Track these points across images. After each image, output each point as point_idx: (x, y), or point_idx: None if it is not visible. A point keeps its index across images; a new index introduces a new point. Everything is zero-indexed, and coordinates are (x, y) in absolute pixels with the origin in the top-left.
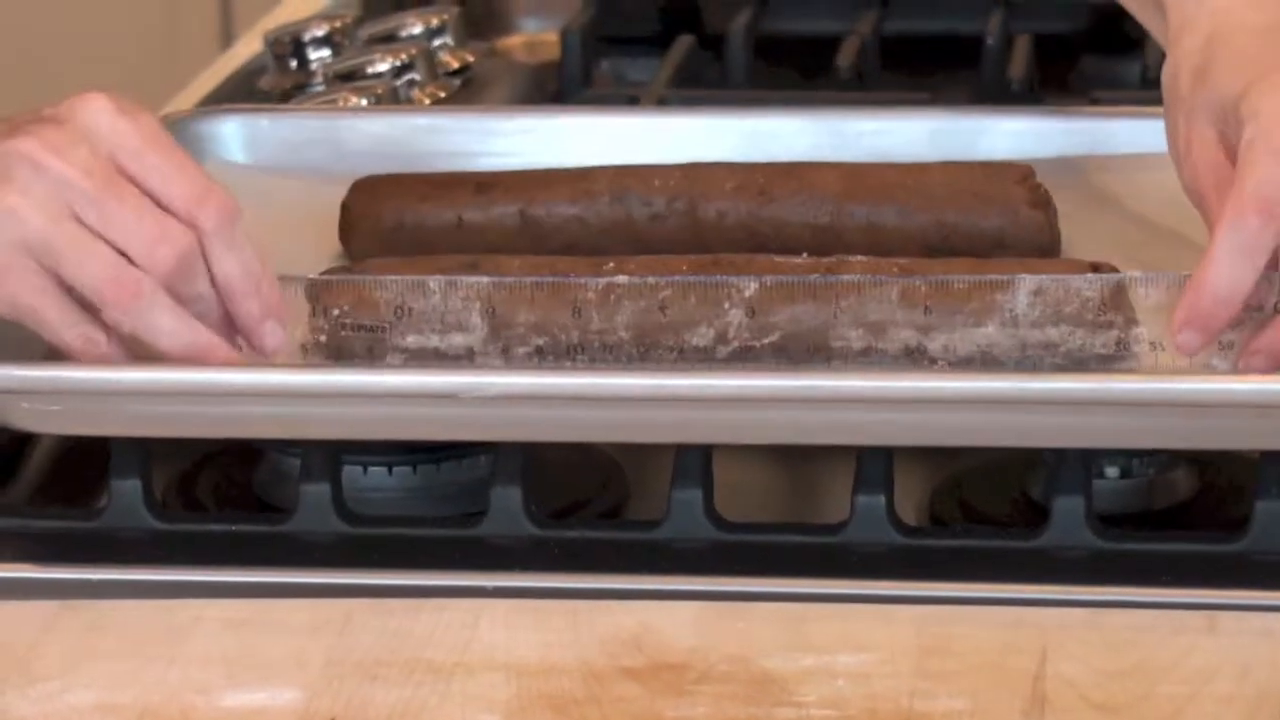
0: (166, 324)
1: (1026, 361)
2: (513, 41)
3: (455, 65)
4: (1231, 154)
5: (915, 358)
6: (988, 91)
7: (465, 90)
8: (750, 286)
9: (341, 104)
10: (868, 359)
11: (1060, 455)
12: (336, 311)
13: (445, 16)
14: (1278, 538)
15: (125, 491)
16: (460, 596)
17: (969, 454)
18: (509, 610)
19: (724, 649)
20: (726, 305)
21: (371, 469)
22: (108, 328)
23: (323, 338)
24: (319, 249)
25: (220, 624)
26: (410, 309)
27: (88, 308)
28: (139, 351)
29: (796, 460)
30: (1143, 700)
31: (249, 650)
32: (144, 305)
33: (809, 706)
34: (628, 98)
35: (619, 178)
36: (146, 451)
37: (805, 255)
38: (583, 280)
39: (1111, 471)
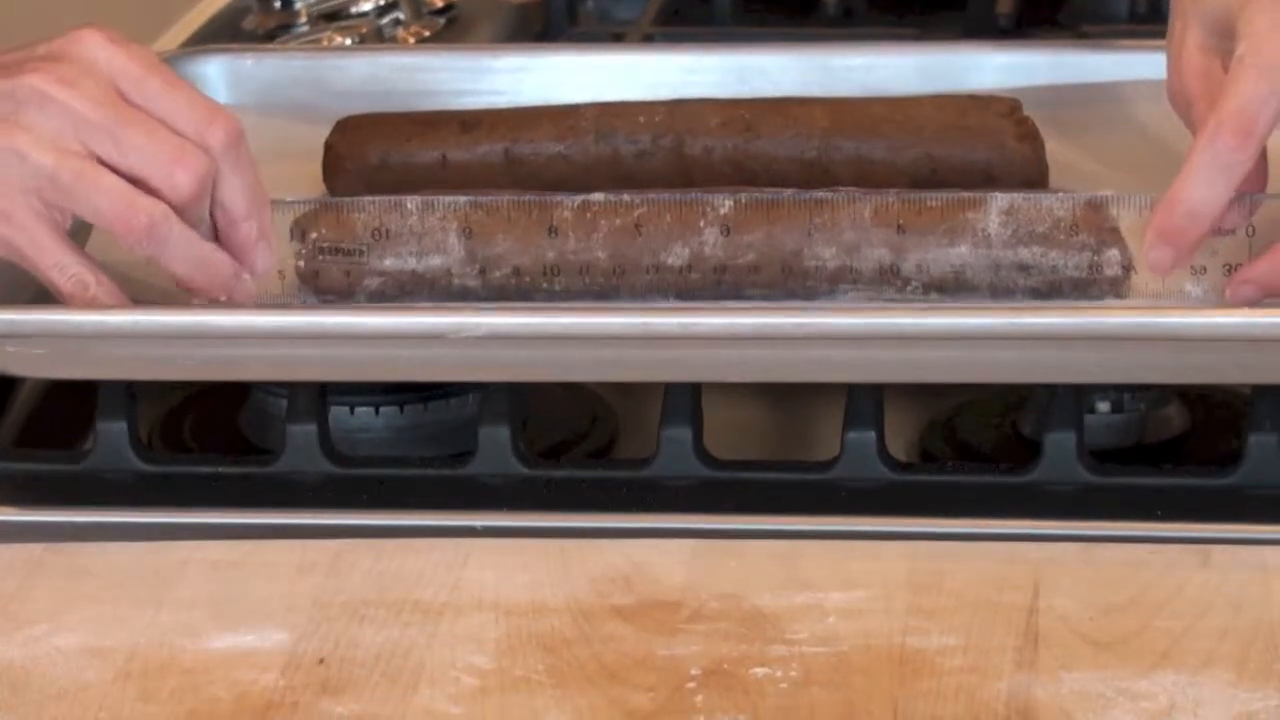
0: (181, 250)
1: (1000, 283)
2: None
3: (439, 4)
4: (1222, 64)
5: (888, 277)
6: (975, 29)
7: (449, 29)
8: (726, 204)
9: (325, 44)
10: (842, 279)
11: (1051, 391)
12: (314, 235)
13: None
14: (1270, 471)
15: (111, 434)
16: (449, 536)
17: (960, 390)
18: (498, 550)
19: (715, 587)
20: (702, 224)
21: (358, 409)
22: (99, 271)
23: (300, 263)
24: (303, 188)
25: (207, 566)
26: (387, 231)
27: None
28: (131, 293)
29: (787, 398)
30: (1136, 635)
31: (236, 592)
32: (158, 234)
33: (801, 644)
34: (613, 36)
35: (604, 115)
36: (133, 394)
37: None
38: (559, 199)
39: (1103, 406)
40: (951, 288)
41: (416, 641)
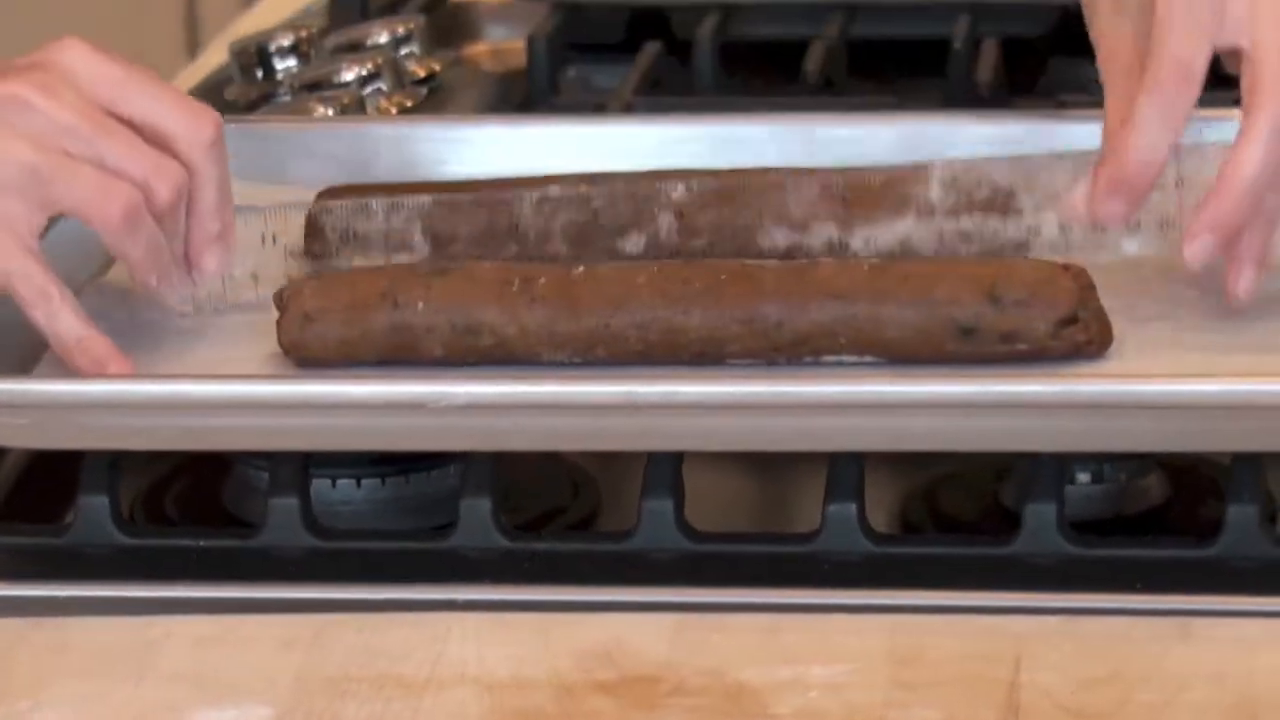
0: (147, 243)
1: (944, 251)
2: (479, 49)
3: (422, 74)
4: (1145, 33)
5: (837, 252)
6: (955, 95)
7: (432, 99)
8: (679, 189)
9: (307, 114)
10: (792, 256)
11: (1032, 461)
12: (285, 242)
13: (411, 25)
14: (1250, 543)
15: (93, 507)
16: (430, 610)
17: (941, 460)
18: (480, 624)
19: (697, 661)
20: (656, 210)
21: (340, 482)
22: (63, 285)
23: (273, 266)
24: (284, 258)
25: (189, 641)
26: (355, 232)
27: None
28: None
29: (768, 469)
30: (1118, 708)
31: (218, 667)
32: (133, 220)
33: (784, 719)
34: (595, 105)
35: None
36: (115, 467)
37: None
38: (519, 193)
39: (1083, 477)
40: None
41: (400, 717)
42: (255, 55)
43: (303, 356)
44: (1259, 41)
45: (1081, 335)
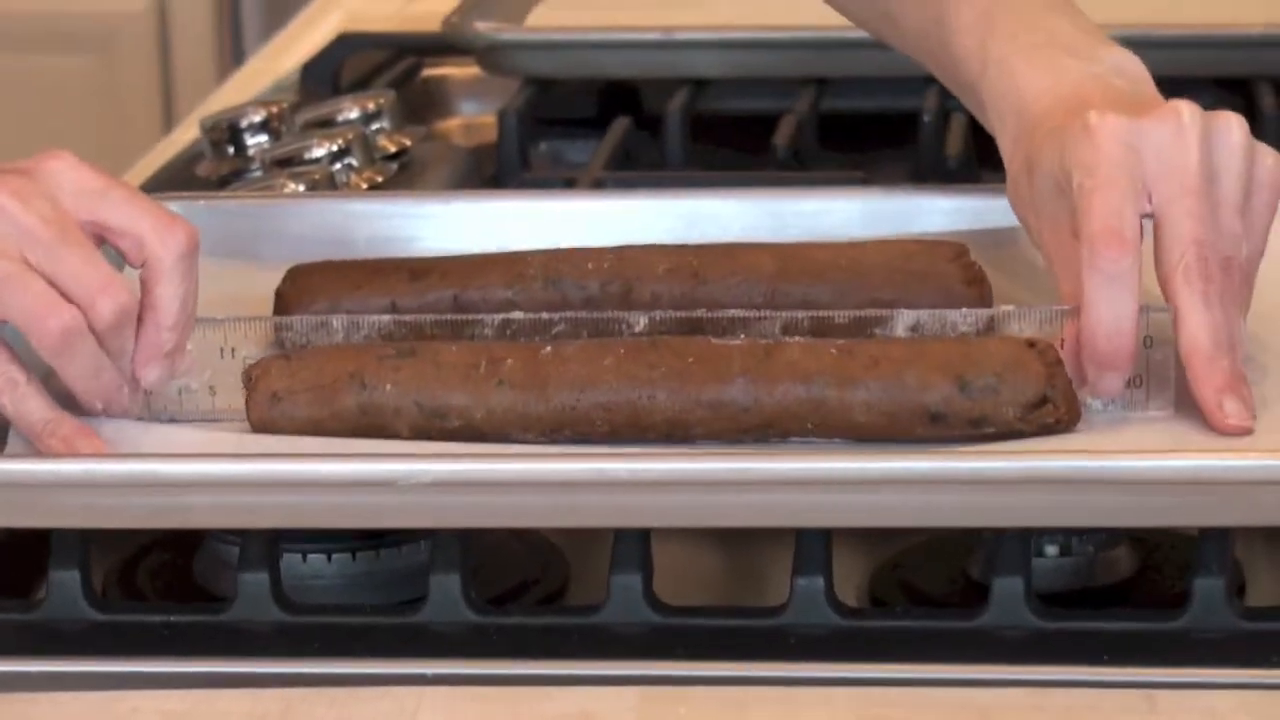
0: (84, 364)
1: None
2: (450, 124)
3: (392, 149)
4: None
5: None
6: (925, 168)
7: (402, 174)
8: (640, 322)
9: (278, 190)
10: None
11: (1000, 534)
12: (244, 354)
13: (382, 100)
14: (1217, 615)
15: (64, 582)
16: (400, 684)
17: (909, 534)
18: (449, 697)
19: None
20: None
21: (311, 557)
22: (32, 375)
23: (230, 378)
24: (253, 337)
25: (159, 716)
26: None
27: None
28: (57, 398)
29: (736, 543)
30: None
31: None
32: (69, 341)
33: None
34: (565, 180)
35: (552, 262)
36: (86, 542)
37: (742, 337)
38: (479, 317)
39: (1051, 550)
40: None
41: None
42: (226, 131)
43: (271, 435)
44: (1166, 208)
45: (1050, 417)
